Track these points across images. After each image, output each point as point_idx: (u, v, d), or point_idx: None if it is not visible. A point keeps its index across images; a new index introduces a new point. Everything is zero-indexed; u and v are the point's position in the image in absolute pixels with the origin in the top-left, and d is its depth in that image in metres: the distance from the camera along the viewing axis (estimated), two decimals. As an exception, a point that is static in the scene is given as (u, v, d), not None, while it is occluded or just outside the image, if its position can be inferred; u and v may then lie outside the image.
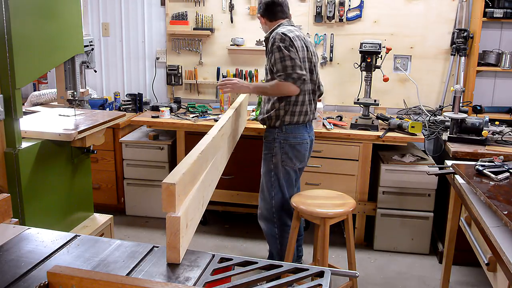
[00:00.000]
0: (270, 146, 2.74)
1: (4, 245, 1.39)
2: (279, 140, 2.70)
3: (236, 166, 3.34)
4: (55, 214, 2.30)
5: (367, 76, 3.34)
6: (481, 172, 2.09)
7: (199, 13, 3.96)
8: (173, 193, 1.27)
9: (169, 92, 4.17)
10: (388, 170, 3.25)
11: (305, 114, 2.70)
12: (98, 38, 4.21)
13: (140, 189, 3.76)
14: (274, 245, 2.89)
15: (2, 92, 1.90)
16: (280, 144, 2.70)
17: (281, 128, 2.69)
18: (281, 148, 2.70)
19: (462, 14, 3.64)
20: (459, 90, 3.12)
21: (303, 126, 2.72)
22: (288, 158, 2.71)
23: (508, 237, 1.62)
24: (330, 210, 2.45)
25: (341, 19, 3.78)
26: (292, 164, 2.73)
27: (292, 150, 2.70)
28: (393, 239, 3.35)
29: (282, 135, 2.69)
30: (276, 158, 2.72)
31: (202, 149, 1.68)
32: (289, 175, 2.76)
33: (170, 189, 1.27)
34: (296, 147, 2.71)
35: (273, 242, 2.88)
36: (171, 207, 1.28)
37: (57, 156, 2.28)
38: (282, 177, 2.75)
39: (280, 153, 2.71)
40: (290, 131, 2.69)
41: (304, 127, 2.73)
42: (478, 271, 3.06)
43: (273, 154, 2.73)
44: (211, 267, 1.28)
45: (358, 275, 1.30)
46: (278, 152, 2.71)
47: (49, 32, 2.16)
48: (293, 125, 2.69)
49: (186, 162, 1.51)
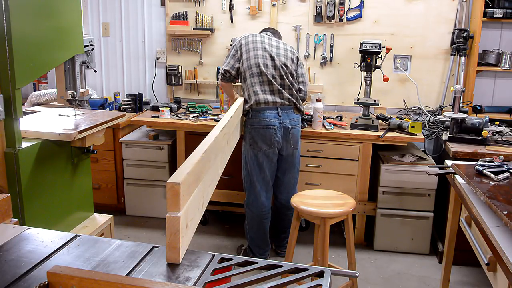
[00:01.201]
0: (244, 130, 3.03)
1: (4, 245, 1.39)
2: (248, 125, 2.97)
3: (236, 166, 3.34)
4: (55, 214, 2.30)
5: (367, 76, 3.34)
6: (481, 172, 2.09)
7: (199, 13, 3.97)
8: (178, 193, 1.27)
9: (169, 92, 4.17)
10: (388, 170, 3.26)
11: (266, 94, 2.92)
12: (98, 38, 4.21)
13: (140, 189, 3.76)
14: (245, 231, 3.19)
15: (2, 92, 1.90)
16: (248, 128, 2.97)
17: (248, 113, 2.95)
18: (249, 132, 2.96)
19: (462, 14, 3.64)
20: (459, 90, 3.12)
21: (269, 111, 2.92)
22: (254, 142, 2.94)
23: (508, 237, 1.62)
24: (330, 210, 2.45)
25: (341, 19, 3.78)
26: (258, 148, 2.94)
27: (257, 133, 2.93)
28: (393, 239, 3.35)
29: (249, 120, 2.96)
30: (245, 141, 3.01)
31: (205, 149, 1.68)
32: (256, 157, 2.97)
33: (175, 189, 1.27)
34: (260, 131, 2.92)
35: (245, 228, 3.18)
36: (176, 207, 1.28)
37: (57, 156, 2.28)
38: (249, 159, 2.99)
39: (248, 136, 2.98)
40: (255, 116, 2.93)
41: (272, 112, 2.92)
42: (478, 271, 3.07)
43: (245, 137, 3.02)
44: (211, 267, 1.28)
45: (358, 275, 1.30)
46: (246, 136, 3.00)
47: (49, 32, 2.15)
48: (257, 110, 2.92)
49: (189, 162, 1.50)
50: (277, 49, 3.04)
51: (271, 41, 3.07)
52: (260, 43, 3.02)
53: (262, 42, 3.02)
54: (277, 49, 3.04)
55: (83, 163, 2.52)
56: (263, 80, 2.94)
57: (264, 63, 2.96)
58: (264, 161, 2.97)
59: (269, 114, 2.91)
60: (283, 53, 3.03)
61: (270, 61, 2.97)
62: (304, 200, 2.57)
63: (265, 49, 3.00)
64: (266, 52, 2.99)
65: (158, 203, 3.76)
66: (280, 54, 3.02)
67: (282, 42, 3.15)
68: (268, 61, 2.97)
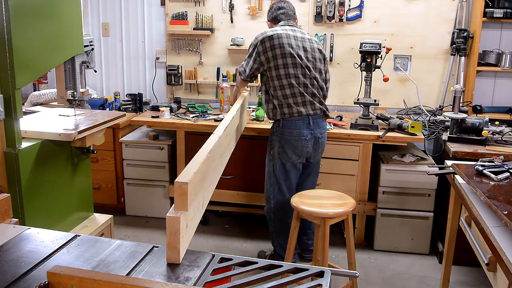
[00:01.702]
0: (270, 138, 2.93)
1: (4, 245, 1.39)
2: (277, 134, 2.86)
3: (236, 166, 3.35)
4: (55, 214, 2.30)
5: (367, 76, 3.34)
6: (481, 172, 2.09)
7: (199, 13, 3.96)
8: (185, 192, 1.28)
9: (169, 92, 4.17)
10: (388, 170, 3.25)
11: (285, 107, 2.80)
12: (98, 38, 4.21)
13: (140, 189, 3.76)
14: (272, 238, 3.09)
15: (2, 92, 1.90)
16: (278, 137, 2.85)
17: (278, 122, 2.84)
18: (279, 141, 2.85)
19: (462, 14, 3.64)
20: (459, 90, 3.12)
21: (302, 121, 2.81)
22: (284, 152, 2.85)
23: (508, 237, 1.62)
24: (330, 210, 2.45)
25: (341, 19, 3.78)
26: (288, 158, 2.85)
27: (288, 144, 2.83)
28: (393, 239, 3.35)
29: (280, 129, 2.84)
30: (274, 151, 2.88)
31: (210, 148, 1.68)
32: (284, 168, 2.88)
33: (183, 188, 1.27)
34: (291, 142, 2.82)
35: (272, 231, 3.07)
36: (184, 206, 1.28)
37: (57, 156, 2.28)
38: (278, 168, 2.90)
39: (277, 145, 2.86)
40: (287, 126, 2.82)
41: (304, 123, 2.82)
42: (478, 271, 3.07)
43: (272, 146, 2.90)
44: (211, 267, 1.28)
45: (358, 275, 1.30)
46: (275, 145, 2.87)
47: (49, 32, 2.15)
48: (289, 120, 2.81)
49: (196, 161, 1.50)
50: (305, 52, 2.84)
51: (297, 40, 2.83)
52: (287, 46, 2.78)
53: (290, 45, 2.79)
54: (306, 52, 2.84)
55: (83, 163, 2.52)
56: (295, 92, 2.79)
57: (296, 75, 2.79)
58: (291, 170, 2.90)
59: (301, 125, 2.81)
60: (311, 56, 2.86)
61: (300, 70, 2.79)
62: (304, 200, 2.57)
63: (295, 57, 2.78)
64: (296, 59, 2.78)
65: (158, 203, 3.76)
66: (309, 59, 2.84)
67: (307, 37, 2.92)
68: (299, 71, 2.79)
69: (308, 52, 2.85)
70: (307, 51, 2.85)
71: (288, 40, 2.80)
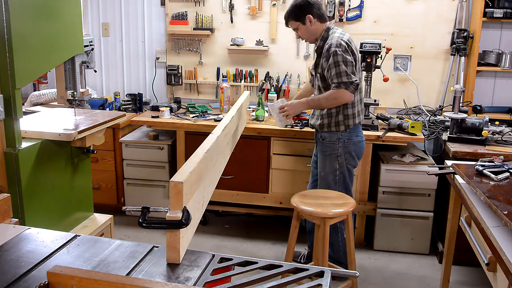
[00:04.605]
0: (333, 147, 2.82)
1: (4, 245, 1.39)
2: (343, 140, 2.80)
3: (236, 166, 3.34)
4: (55, 214, 2.30)
5: (367, 76, 3.34)
6: (481, 172, 2.09)
7: (199, 13, 3.96)
8: (180, 192, 1.27)
9: (169, 92, 4.17)
10: (388, 170, 3.25)
11: (359, 114, 2.83)
12: (98, 38, 4.21)
13: (140, 189, 3.76)
14: None
15: (2, 92, 1.90)
16: (344, 143, 2.80)
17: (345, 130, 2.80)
18: (345, 147, 2.81)
19: (462, 14, 3.64)
20: (459, 90, 3.12)
21: (359, 125, 2.87)
22: (351, 157, 2.83)
23: (508, 237, 1.62)
24: (330, 210, 2.45)
25: (341, 19, 3.78)
26: (354, 163, 2.88)
27: (355, 148, 2.83)
28: (393, 239, 3.35)
29: (346, 134, 2.80)
30: (341, 158, 2.82)
31: (207, 148, 1.68)
32: (350, 173, 2.90)
33: (178, 188, 1.27)
34: (358, 145, 2.84)
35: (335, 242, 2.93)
36: (179, 205, 1.28)
37: (57, 156, 2.28)
38: (347, 175, 2.86)
39: (344, 152, 2.81)
40: (354, 130, 2.82)
41: (360, 126, 2.89)
42: (478, 271, 3.06)
43: (338, 154, 2.82)
44: (211, 267, 1.28)
45: (358, 275, 1.30)
46: (342, 152, 2.81)
47: (49, 32, 2.15)
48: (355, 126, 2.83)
49: (192, 161, 1.50)
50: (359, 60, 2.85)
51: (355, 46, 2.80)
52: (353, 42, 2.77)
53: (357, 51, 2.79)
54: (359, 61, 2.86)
55: (83, 163, 2.52)
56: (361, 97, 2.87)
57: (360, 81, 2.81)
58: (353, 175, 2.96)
59: (359, 126, 2.88)
60: None
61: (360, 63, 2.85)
62: (304, 200, 2.57)
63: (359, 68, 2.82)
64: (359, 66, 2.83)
65: (158, 203, 3.76)
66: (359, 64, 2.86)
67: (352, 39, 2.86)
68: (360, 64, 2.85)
69: None
70: None
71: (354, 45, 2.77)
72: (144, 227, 1.31)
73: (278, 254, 3.30)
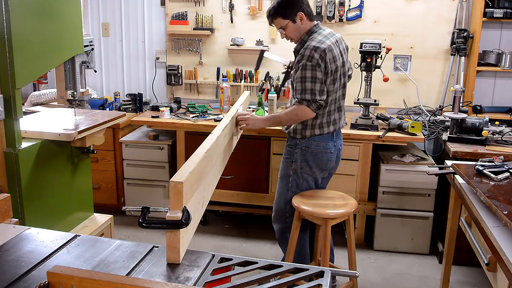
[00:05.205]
0: (290, 151, 2.67)
1: (4, 245, 1.39)
2: (301, 147, 2.62)
3: (236, 166, 3.34)
4: (55, 214, 2.30)
5: (367, 76, 3.34)
6: (481, 172, 2.09)
7: (199, 13, 3.96)
8: (180, 192, 1.27)
9: (169, 92, 4.17)
10: (388, 170, 3.25)
11: (332, 124, 2.62)
12: (98, 38, 4.21)
13: (140, 189, 3.76)
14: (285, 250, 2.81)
15: (2, 92, 1.90)
16: (302, 150, 2.62)
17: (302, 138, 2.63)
18: (302, 155, 2.63)
19: (462, 14, 3.64)
20: (459, 90, 3.12)
21: (328, 135, 2.63)
22: (308, 166, 2.63)
23: (508, 237, 1.62)
24: (332, 211, 2.44)
25: (341, 19, 3.78)
26: (311, 172, 2.66)
27: (313, 158, 2.62)
28: (393, 239, 3.35)
29: (305, 142, 2.61)
30: (296, 165, 2.65)
31: (207, 148, 1.68)
32: (307, 183, 2.69)
33: (178, 188, 1.27)
34: (318, 155, 2.63)
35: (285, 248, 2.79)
36: (179, 205, 1.28)
37: (57, 156, 2.28)
38: (300, 183, 2.68)
39: (300, 159, 2.63)
40: (314, 139, 2.61)
41: (330, 136, 2.64)
42: (478, 271, 3.06)
43: (293, 160, 2.66)
44: (211, 267, 1.28)
45: (358, 275, 1.30)
46: (298, 159, 2.64)
47: (49, 32, 2.15)
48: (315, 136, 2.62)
49: (192, 161, 1.50)
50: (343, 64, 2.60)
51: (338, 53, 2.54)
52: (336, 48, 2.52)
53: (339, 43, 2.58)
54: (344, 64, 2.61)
55: (83, 163, 2.52)
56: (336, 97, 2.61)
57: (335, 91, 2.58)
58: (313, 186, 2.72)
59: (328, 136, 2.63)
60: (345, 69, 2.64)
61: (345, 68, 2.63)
62: (305, 200, 2.56)
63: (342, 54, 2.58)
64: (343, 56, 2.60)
65: (158, 203, 3.75)
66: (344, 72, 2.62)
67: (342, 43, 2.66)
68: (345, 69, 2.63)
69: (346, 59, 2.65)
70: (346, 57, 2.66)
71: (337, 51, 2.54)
72: (144, 227, 1.31)
73: (278, 254, 3.29)
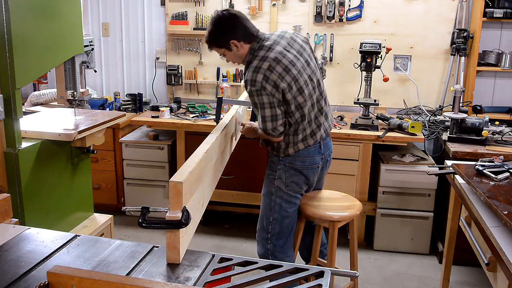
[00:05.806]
0: (273, 167, 2.44)
1: (4, 245, 1.39)
2: (284, 163, 2.40)
3: (236, 166, 3.34)
4: (55, 214, 2.30)
5: (367, 76, 3.34)
6: (481, 172, 2.09)
7: (199, 13, 3.96)
8: (180, 192, 1.28)
9: (169, 92, 4.17)
10: (388, 170, 3.25)
11: (317, 131, 2.39)
12: (98, 38, 4.21)
13: (140, 189, 3.76)
14: None
15: (2, 92, 1.90)
16: (285, 167, 2.40)
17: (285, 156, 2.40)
18: (285, 171, 2.40)
19: (462, 14, 3.64)
20: (459, 90, 3.12)
21: (314, 147, 2.40)
22: (293, 182, 2.42)
23: (508, 237, 1.62)
24: (339, 213, 2.41)
25: (341, 19, 3.78)
26: (298, 188, 2.45)
27: (299, 175, 2.41)
28: (393, 239, 3.35)
29: (288, 159, 2.39)
30: (278, 182, 2.42)
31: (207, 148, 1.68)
32: (292, 204, 2.47)
33: (177, 188, 1.27)
34: (303, 172, 2.41)
35: None
36: (178, 205, 1.28)
37: (57, 156, 2.28)
38: (284, 202, 2.45)
39: (284, 176, 2.41)
40: (298, 155, 2.38)
41: (317, 148, 2.41)
42: (478, 271, 3.06)
43: (276, 177, 2.43)
44: (211, 267, 1.28)
45: (358, 275, 1.30)
46: (281, 175, 2.41)
47: (49, 32, 2.15)
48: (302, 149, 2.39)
49: (192, 161, 1.50)
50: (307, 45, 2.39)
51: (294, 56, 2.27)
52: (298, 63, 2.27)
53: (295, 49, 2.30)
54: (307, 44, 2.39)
55: (83, 163, 2.52)
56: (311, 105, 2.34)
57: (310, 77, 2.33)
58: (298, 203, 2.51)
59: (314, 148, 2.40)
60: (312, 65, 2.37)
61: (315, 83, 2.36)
62: (310, 202, 2.49)
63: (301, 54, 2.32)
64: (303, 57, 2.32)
65: (158, 203, 3.76)
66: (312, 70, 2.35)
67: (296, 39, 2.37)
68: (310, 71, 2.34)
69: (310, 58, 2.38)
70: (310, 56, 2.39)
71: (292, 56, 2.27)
72: (144, 227, 1.31)
73: (278, 254, 3.30)
